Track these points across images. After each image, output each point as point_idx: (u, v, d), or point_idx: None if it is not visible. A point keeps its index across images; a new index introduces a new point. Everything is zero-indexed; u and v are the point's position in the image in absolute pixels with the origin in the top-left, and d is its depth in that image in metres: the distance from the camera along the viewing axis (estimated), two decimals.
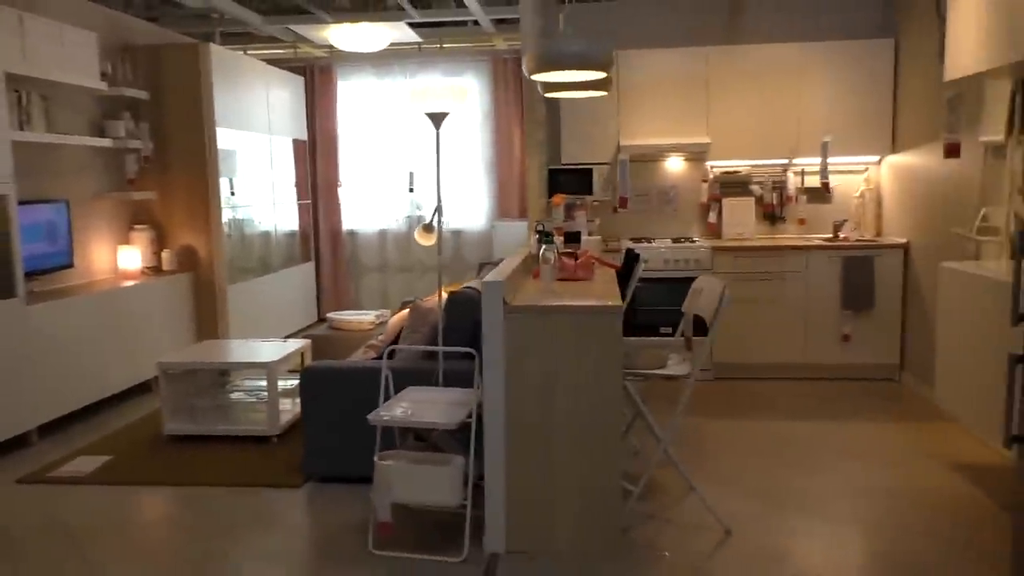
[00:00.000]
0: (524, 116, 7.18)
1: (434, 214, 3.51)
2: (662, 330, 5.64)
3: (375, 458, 3.05)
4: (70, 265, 5.24)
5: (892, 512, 3.43)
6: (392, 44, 7.41)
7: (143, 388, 5.56)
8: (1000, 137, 3.87)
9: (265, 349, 4.70)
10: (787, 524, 3.33)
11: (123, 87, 5.65)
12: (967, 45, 3.65)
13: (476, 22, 7.14)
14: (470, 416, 3.07)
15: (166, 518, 3.50)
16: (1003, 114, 3.82)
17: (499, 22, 7.30)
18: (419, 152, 8.10)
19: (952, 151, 4.29)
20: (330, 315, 5.87)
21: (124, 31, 5.96)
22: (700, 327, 3.44)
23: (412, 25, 7.17)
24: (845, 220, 5.85)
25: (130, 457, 4.21)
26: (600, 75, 3.51)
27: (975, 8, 3.57)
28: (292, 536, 3.29)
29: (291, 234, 7.76)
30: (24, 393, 4.35)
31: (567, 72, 3.45)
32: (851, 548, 3.11)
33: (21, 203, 4.55)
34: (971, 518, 3.34)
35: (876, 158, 5.87)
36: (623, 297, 3.87)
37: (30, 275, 4.68)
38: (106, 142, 5.53)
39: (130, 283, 5.47)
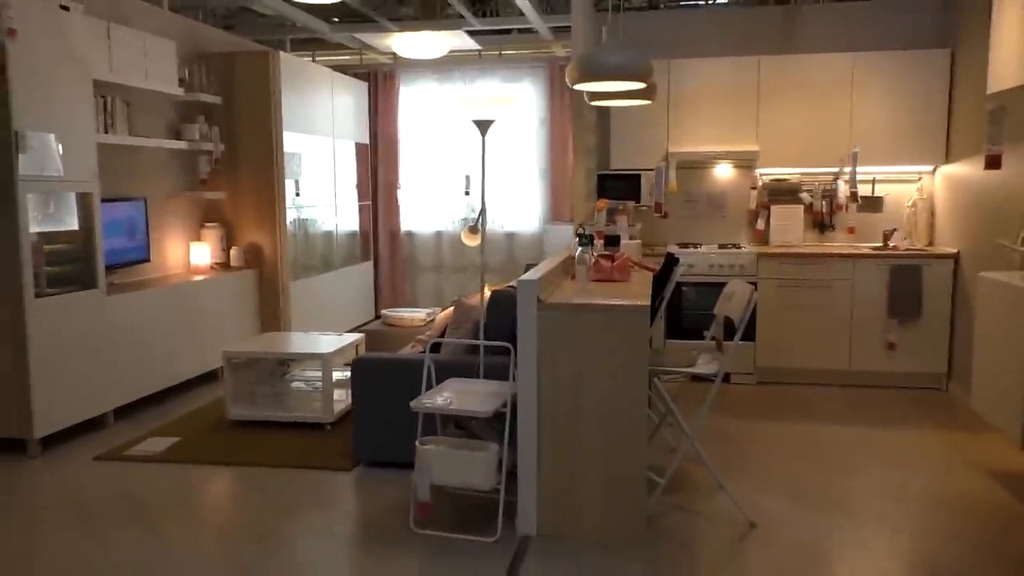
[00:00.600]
0: (574, 122, 7.34)
1: (479, 216, 3.72)
2: (706, 334, 5.72)
3: (416, 443, 3.26)
4: (147, 259, 5.62)
5: (923, 516, 3.49)
6: (453, 51, 7.66)
7: (210, 376, 5.91)
8: None
9: (322, 342, 4.98)
10: (815, 522, 3.42)
11: (198, 92, 6.03)
12: (1010, 58, 3.68)
13: (534, 29, 7.34)
14: (505, 406, 3.26)
15: (228, 495, 3.79)
16: None
17: (557, 29, 7.49)
18: (475, 157, 8.33)
19: (993, 163, 4.30)
20: (384, 312, 6.13)
21: (200, 39, 6.35)
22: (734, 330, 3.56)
23: (472, 33, 7.42)
24: (895, 229, 5.85)
25: (196, 439, 4.53)
26: (639, 85, 3.66)
27: (1019, 22, 3.60)
28: (341, 514, 3.53)
29: (352, 234, 8.08)
30: (102, 378, 4.71)
31: (607, 82, 3.61)
32: (876, 548, 3.19)
33: (103, 200, 4.93)
34: (1003, 524, 3.37)
35: (930, 168, 5.85)
36: (661, 299, 4.01)
37: (110, 268, 5.05)
38: (181, 144, 5.91)
39: (200, 278, 5.84)
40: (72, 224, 4.62)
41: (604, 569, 2.99)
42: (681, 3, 6.81)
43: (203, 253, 6.18)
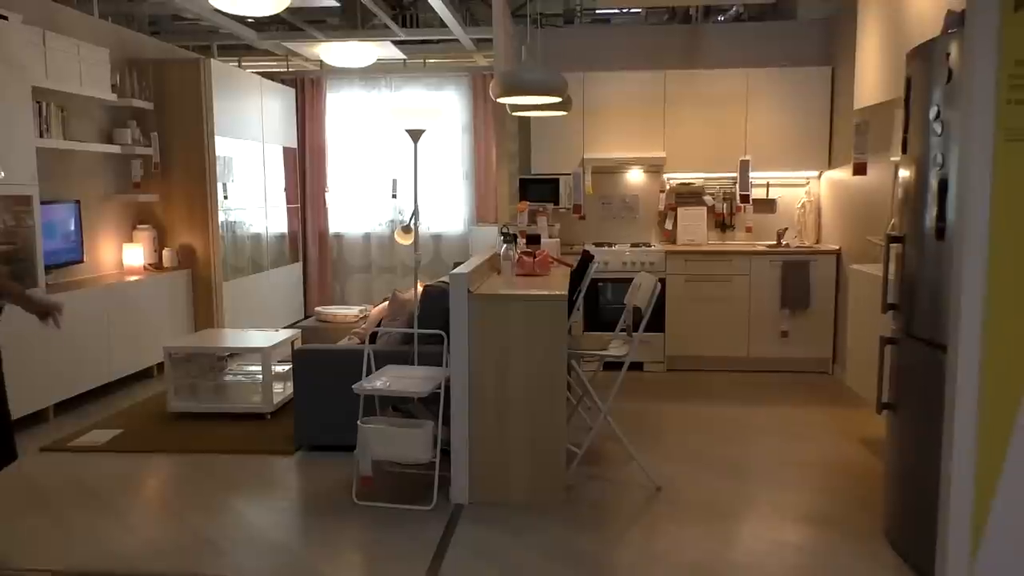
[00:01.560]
0: (497, 128, 7.75)
1: (411, 217, 4.07)
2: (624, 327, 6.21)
3: (359, 422, 3.60)
4: (80, 261, 5.75)
5: (804, 476, 4.02)
6: (379, 60, 7.96)
7: (146, 374, 6.07)
8: None
9: (261, 337, 5.24)
10: (712, 484, 3.91)
11: (130, 98, 6.18)
12: (870, 79, 4.27)
13: (458, 40, 7.71)
14: (439, 388, 3.63)
15: (175, 477, 4.03)
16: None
17: (479, 41, 7.89)
18: (402, 160, 8.65)
19: (859, 169, 4.91)
20: (318, 308, 6.40)
21: (131, 46, 6.48)
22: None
23: (397, 43, 7.75)
24: (787, 228, 6.46)
25: (139, 430, 4.73)
26: (556, 99, 4.09)
27: (875, 48, 4.19)
28: (287, 491, 3.83)
29: (281, 236, 8.29)
30: (42, 374, 4.85)
31: (527, 97, 4.03)
32: (763, 502, 3.69)
33: (40, 203, 5.06)
34: (868, 481, 3.93)
35: (816, 173, 6.49)
36: (577, 291, 4.45)
37: (46, 269, 5.18)
38: (115, 148, 6.05)
39: (134, 278, 5.99)
40: (12, 226, 4.76)
41: (529, 529, 3.39)
42: (595, 16, 7.31)
43: (136, 254, 6.33)
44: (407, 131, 3.96)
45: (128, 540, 3.30)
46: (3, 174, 4.54)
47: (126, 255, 6.34)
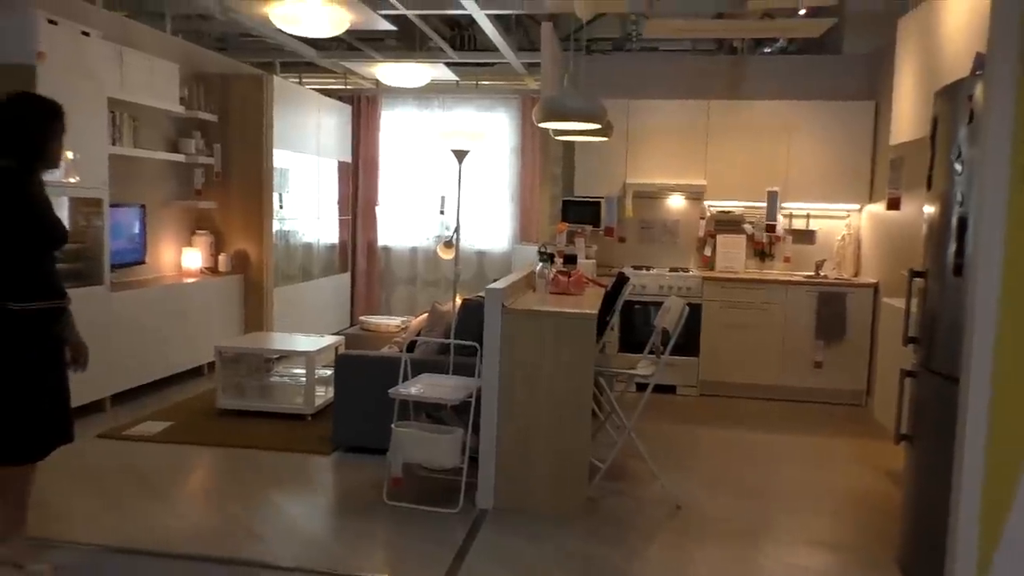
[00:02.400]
0: (543, 151, 7.95)
1: (454, 233, 4.28)
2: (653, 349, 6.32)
3: (392, 425, 3.79)
4: (142, 261, 6.09)
5: (821, 501, 4.09)
6: (432, 80, 8.24)
7: (197, 372, 6.36)
8: None
9: (306, 342, 5.49)
10: (731, 505, 4.00)
11: (196, 110, 6.53)
12: (906, 115, 4.35)
13: (509, 64, 7.95)
14: (470, 397, 3.80)
15: (221, 469, 4.27)
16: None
17: (530, 64, 8.12)
18: (451, 178, 8.90)
19: (893, 204, 4.97)
20: (362, 317, 6.65)
21: (199, 61, 6.86)
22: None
23: (450, 65, 8.02)
24: (825, 260, 6.51)
25: (189, 424, 5.00)
26: (595, 126, 4.26)
27: (912, 85, 4.27)
28: (322, 488, 4.04)
29: (331, 246, 8.59)
30: (102, 366, 5.14)
31: (567, 123, 4.21)
32: (779, 525, 3.77)
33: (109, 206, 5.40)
34: (888, 511, 3.97)
35: (856, 206, 6.53)
36: (611, 311, 4.59)
37: (111, 267, 5.50)
38: (179, 157, 6.40)
39: (191, 280, 6.31)
40: (83, 226, 5.09)
41: (549, 537, 3.53)
42: (644, 45, 7.48)
43: (194, 258, 6.66)
44: (452, 151, 4.16)
45: (174, 523, 3.53)
46: (78, 179, 4.87)
47: (185, 258, 6.67)
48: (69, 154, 4.77)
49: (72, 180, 4.82)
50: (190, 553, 3.25)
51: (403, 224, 9.09)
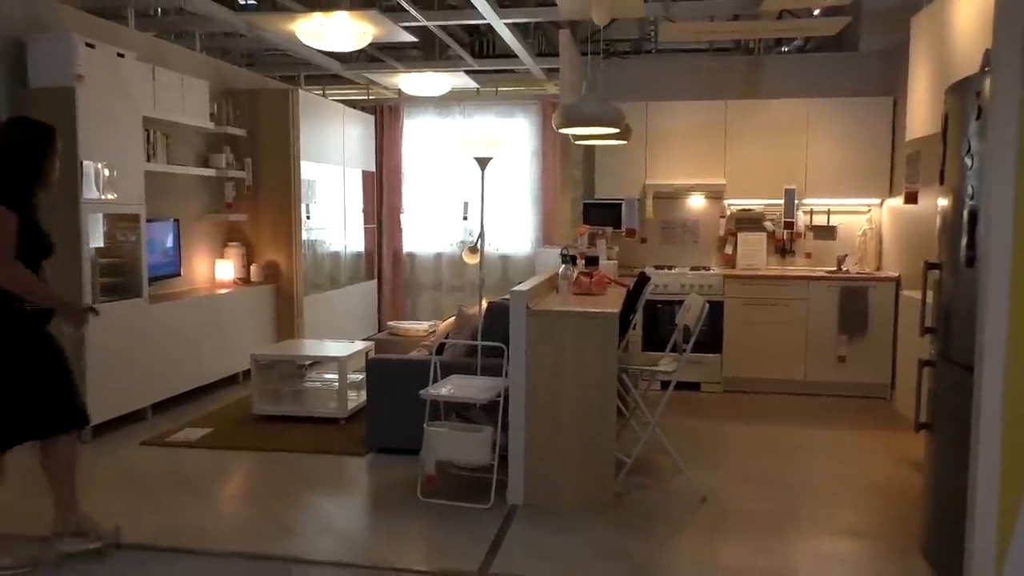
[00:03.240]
0: (563, 155, 8.07)
1: (478, 238, 4.41)
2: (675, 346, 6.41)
3: (425, 425, 3.93)
4: (178, 274, 6.29)
5: (845, 492, 4.16)
6: (453, 88, 8.40)
7: (232, 380, 6.55)
8: None
9: (337, 347, 5.64)
10: (756, 497, 4.09)
11: (226, 126, 6.73)
12: (921, 111, 4.41)
13: (528, 70, 8.08)
14: (499, 396, 3.93)
15: (259, 472, 4.43)
16: None
17: (549, 70, 8.25)
18: (473, 184, 9.04)
19: (911, 198, 5.02)
20: (390, 323, 6.81)
21: (228, 77, 7.06)
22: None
23: (470, 72, 8.17)
24: (847, 255, 6.56)
25: (227, 430, 5.18)
26: (613, 130, 4.37)
27: (926, 82, 4.34)
28: (358, 487, 4.19)
29: (358, 255, 8.77)
30: (144, 376, 5.35)
31: (585, 128, 4.33)
32: (804, 516, 3.85)
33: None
34: (911, 501, 4.03)
35: (877, 200, 6.57)
36: (632, 311, 4.69)
37: (149, 281, 5.70)
38: (210, 172, 6.60)
39: (224, 291, 6.51)
40: (122, 241, 5.29)
41: (579, 530, 3.64)
42: (660, 47, 7.58)
43: (227, 269, 6.85)
44: (475, 159, 4.30)
45: (217, 522, 3.70)
46: (116, 195, 5.07)
47: (218, 270, 6.87)
48: (106, 171, 4.98)
49: (110, 197, 5.02)
50: (233, 551, 3.40)
51: (427, 231, 9.25)
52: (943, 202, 3.32)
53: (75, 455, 3.38)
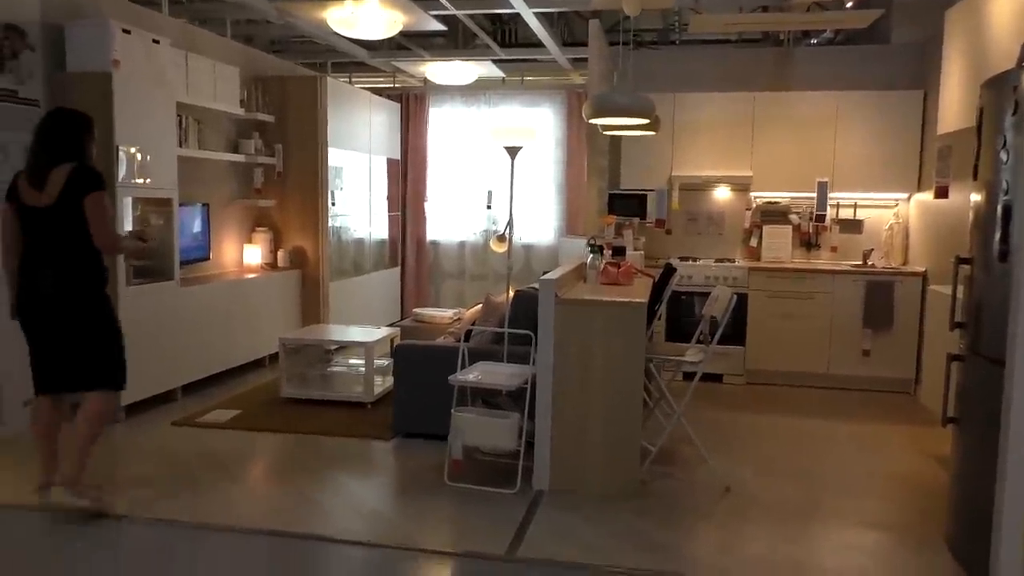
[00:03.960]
0: (589, 145, 8.08)
1: (506, 227, 4.44)
2: (701, 338, 6.42)
3: (452, 410, 3.98)
4: (207, 258, 6.37)
5: (869, 485, 4.17)
6: (479, 77, 8.42)
7: (259, 363, 6.64)
8: None
9: (364, 333, 5.71)
10: (779, 488, 4.11)
11: (255, 112, 6.80)
12: (954, 105, 4.39)
13: (554, 59, 8.08)
14: (526, 383, 3.97)
15: (287, 453, 4.51)
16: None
17: (575, 60, 8.25)
18: (497, 173, 9.08)
19: (941, 193, 4.99)
20: (416, 310, 6.86)
21: (257, 64, 7.13)
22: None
23: (496, 62, 8.18)
24: (872, 249, 6.54)
25: (256, 412, 5.26)
26: (643, 121, 4.39)
27: (959, 75, 4.31)
28: (385, 470, 4.25)
29: (382, 242, 8.83)
30: (173, 359, 5.44)
31: (617, 118, 4.34)
32: (827, 507, 3.87)
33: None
34: (935, 493, 4.04)
35: (904, 195, 6.54)
36: (659, 301, 4.72)
37: (180, 264, 5.79)
38: (239, 158, 6.68)
39: (252, 276, 6.59)
40: (155, 224, 5.37)
41: (604, 516, 3.69)
42: (688, 38, 7.55)
43: (254, 254, 6.94)
44: (505, 148, 4.33)
45: (247, 501, 3.77)
46: (150, 180, 5.15)
47: (246, 254, 6.95)
48: (139, 156, 5.06)
49: (144, 181, 5.10)
50: (263, 528, 3.47)
51: (451, 219, 9.29)
52: (976, 197, 3.31)
53: (110, 412, 3.74)
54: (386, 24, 5.65)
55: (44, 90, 4.81)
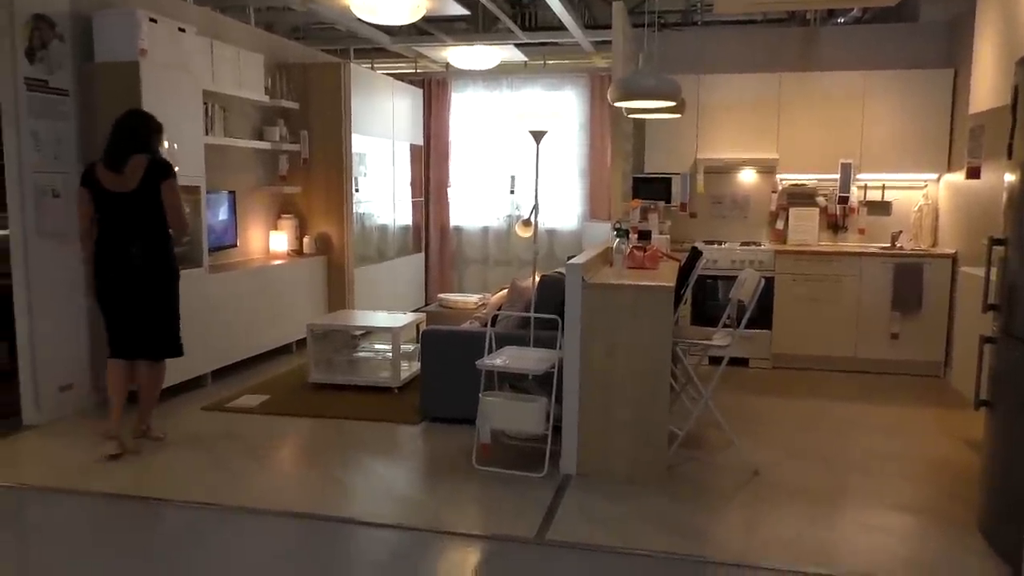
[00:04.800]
0: (612, 128, 8.03)
1: (532, 211, 4.44)
2: (728, 322, 6.39)
3: (480, 395, 4.00)
4: (234, 245, 6.43)
5: (899, 468, 4.15)
6: (501, 61, 8.39)
7: (285, 349, 6.71)
8: None
9: (390, 318, 5.75)
10: (808, 471, 4.10)
11: (280, 99, 6.83)
12: (987, 83, 4.31)
13: (577, 42, 8.03)
14: (553, 368, 3.98)
15: (316, 437, 4.56)
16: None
17: (597, 43, 8.19)
18: (520, 158, 9.06)
19: (972, 173, 4.92)
20: (440, 295, 6.89)
21: (281, 51, 7.15)
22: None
23: (518, 45, 8.15)
24: (901, 231, 6.46)
25: (284, 397, 5.32)
26: (668, 104, 4.35)
27: (992, 53, 4.24)
28: (413, 454, 4.29)
29: (405, 228, 8.86)
30: (202, 345, 5.50)
31: (642, 101, 4.31)
32: (856, 489, 3.86)
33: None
34: (965, 476, 4.01)
35: (934, 175, 6.45)
36: (685, 284, 4.70)
37: (208, 251, 5.84)
38: (265, 145, 6.72)
39: (279, 262, 6.64)
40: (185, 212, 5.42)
41: (632, 499, 3.70)
42: (711, 20, 7.47)
43: (281, 241, 6.99)
44: (531, 132, 4.32)
45: (277, 484, 3.82)
46: (178, 168, 5.18)
47: (272, 241, 7.01)
48: (165, 143, 5.10)
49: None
50: (294, 511, 3.52)
51: (474, 205, 9.30)
52: (1011, 177, 3.26)
53: (163, 378, 4.45)
54: (409, 9, 5.65)
55: (73, 80, 4.87)
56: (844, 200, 6.35)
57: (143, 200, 4.10)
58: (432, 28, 7.98)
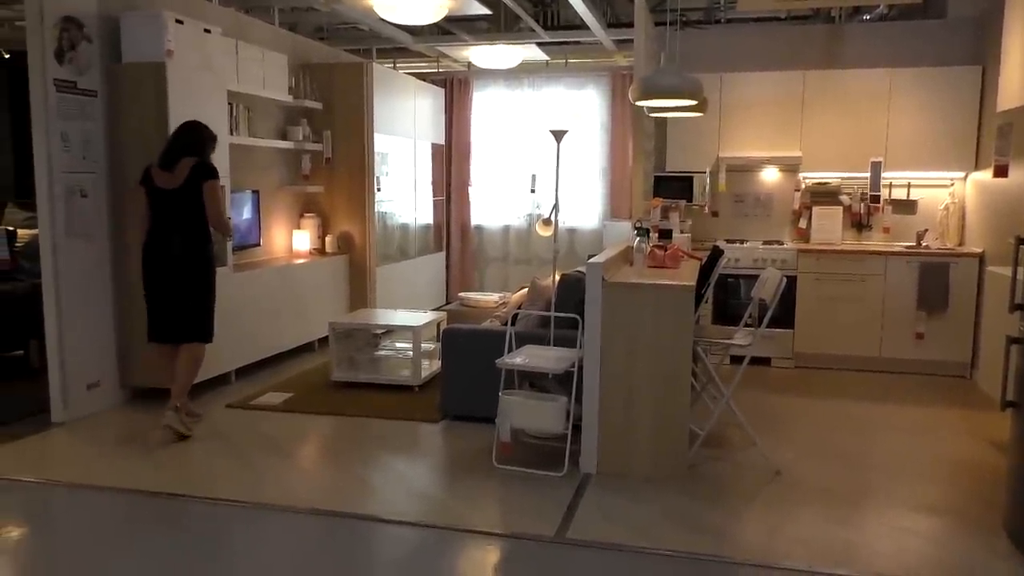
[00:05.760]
0: (634, 127, 8.01)
1: (552, 210, 4.44)
2: (749, 321, 6.35)
3: (500, 393, 4.01)
4: (258, 244, 6.49)
5: (923, 469, 4.11)
6: (523, 60, 8.40)
7: (308, 348, 6.76)
8: None
9: (411, 317, 5.77)
10: (831, 472, 4.07)
11: (303, 99, 6.88)
12: (1016, 80, 4.25)
13: (598, 41, 8.02)
14: (573, 367, 3.98)
15: (339, 434, 4.60)
16: None
17: (619, 42, 8.17)
18: (541, 157, 9.06)
19: (1000, 172, 4.85)
20: (461, 294, 6.92)
21: (304, 51, 7.21)
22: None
23: (540, 45, 8.15)
24: (927, 230, 6.39)
25: (307, 395, 5.36)
26: (691, 102, 4.34)
27: (1021, 50, 4.18)
28: (434, 452, 4.31)
29: (427, 227, 8.90)
30: (227, 343, 5.56)
31: (664, 100, 4.30)
32: (879, 490, 3.82)
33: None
34: (991, 478, 3.96)
35: (961, 174, 6.37)
36: (706, 284, 4.69)
37: (232, 250, 5.90)
38: (288, 144, 6.77)
39: (301, 261, 6.69)
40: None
41: (653, 498, 3.69)
42: (734, 17, 7.43)
43: (303, 240, 7.04)
44: (551, 131, 4.32)
45: (300, 481, 3.86)
46: None
47: (295, 240, 7.06)
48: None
49: None
50: (316, 508, 3.55)
51: (495, 204, 9.32)
52: None
53: (202, 357, 4.69)
54: (432, 9, 5.67)
55: (101, 80, 4.94)
56: (875, 199, 6.28)
57: (186, 197, 4.47)
58: (454, 27, 8.01)
